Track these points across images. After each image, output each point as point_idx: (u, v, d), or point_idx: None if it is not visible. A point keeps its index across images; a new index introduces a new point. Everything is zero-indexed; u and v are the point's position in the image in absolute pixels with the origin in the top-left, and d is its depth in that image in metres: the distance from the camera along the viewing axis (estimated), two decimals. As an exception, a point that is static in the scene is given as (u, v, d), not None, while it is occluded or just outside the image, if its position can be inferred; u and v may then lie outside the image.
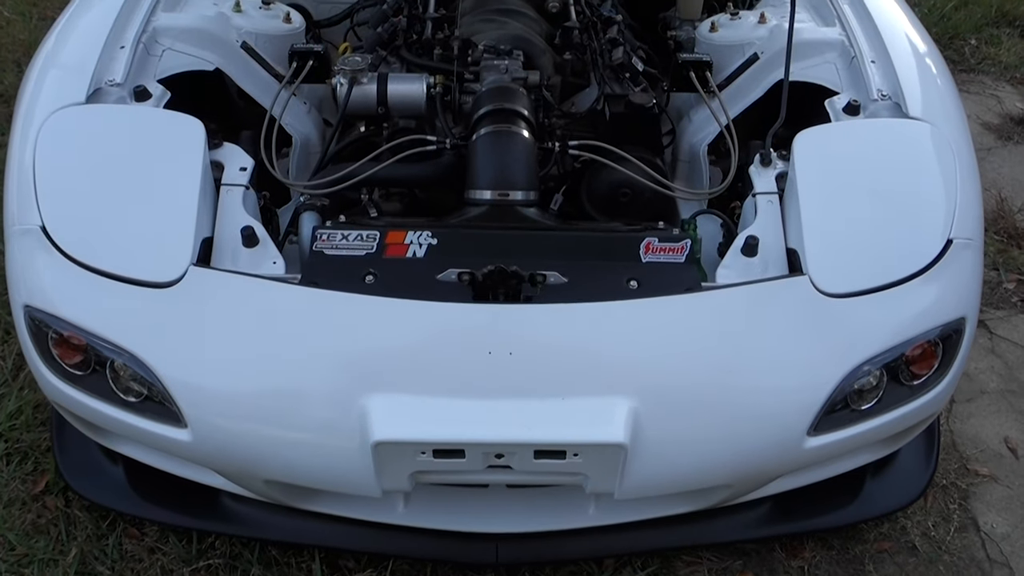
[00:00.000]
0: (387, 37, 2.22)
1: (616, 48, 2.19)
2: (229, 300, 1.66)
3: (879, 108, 1.98)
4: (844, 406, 1.69)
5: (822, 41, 2.16)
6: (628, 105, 2.03)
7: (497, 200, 1.80)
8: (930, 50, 2.17)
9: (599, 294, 1.68)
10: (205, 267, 1.68)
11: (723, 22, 2.32)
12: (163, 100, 1.96)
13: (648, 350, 1.63)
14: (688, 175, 2.31)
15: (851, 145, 1.89)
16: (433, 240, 1.75)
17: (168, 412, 1.64)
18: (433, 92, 2.04)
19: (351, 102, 2.04)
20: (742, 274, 1.76)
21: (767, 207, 1.84)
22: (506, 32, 2.17)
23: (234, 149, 1.90)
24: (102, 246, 1.68)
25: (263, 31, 2.22)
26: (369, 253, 1.74)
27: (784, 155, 1.92)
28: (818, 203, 1.78)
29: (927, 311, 1.71)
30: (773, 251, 1.78)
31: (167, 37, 2.09)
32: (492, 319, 1.63)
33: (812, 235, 1.74)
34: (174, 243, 1.68)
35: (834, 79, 2.11)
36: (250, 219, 1.78)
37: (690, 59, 2.20)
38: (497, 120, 1.88)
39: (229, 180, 1.83)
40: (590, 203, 2.07)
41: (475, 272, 1.68)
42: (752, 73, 2.20)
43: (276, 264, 1.74)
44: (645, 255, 1.76)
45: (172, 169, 1.77)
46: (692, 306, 1.67)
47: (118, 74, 1.94)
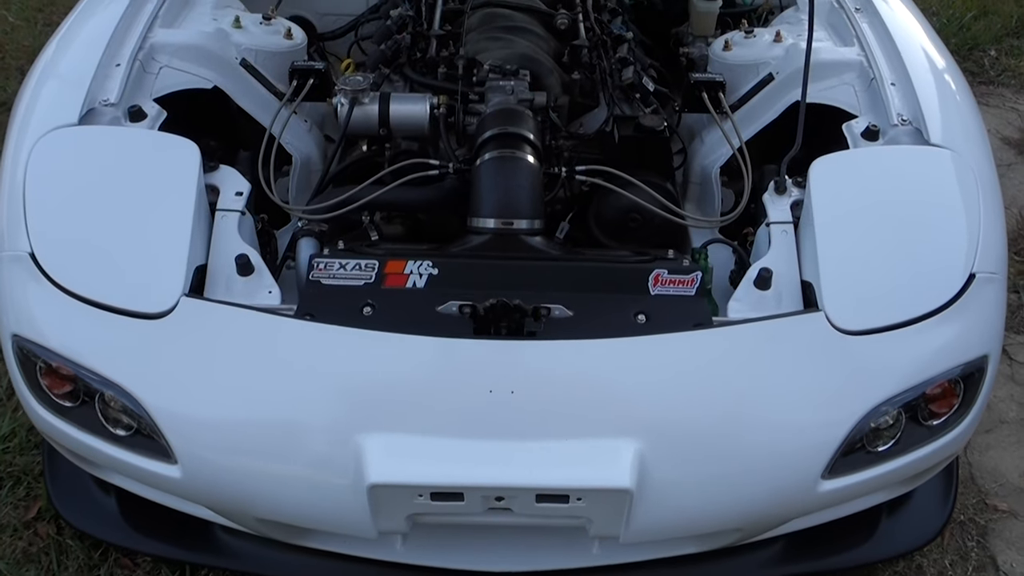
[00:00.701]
0: (390, 54, 2.16)
1: (626, 67, 2.12)
2: (221, 333, 1.60)
3: (899, 134, 1.90)
4: (860, 447, 1.62)
5: (840, 62, 2.09)
6: (638, 128, 1.97)
7: (501, 229, 1.74)
8: (951, 71, 2.09)
9: (605, 329, 1.62)
10: (197, 298, 1.63)
11: (737, 40, 2.24)
12: (159, 120, 1.91)
13: (655, 389, 1.56)
14: (700, 197, 2.24)
15: (870, 173, 1.81)
16: (434, 270, 1.69)
17: (158, 447, 1.59)
18: (436, 113, 1.98)
19: (352, 123, 1.98)
20: (754, 308, 1.69)
21: (781, 237, 1.77)
22: (513, 51, 2.10)
23: (230, 172, 1.84)
24: (92, 274, 1.63)
25: (263, 47, 2.17)
26: (367, 283, 1.69)
27: (800, 182, 1.86)
28: (835, 234, 1.71)
29: (948, 349, 1.64)
30: (787, 284, 1.72)
31: (164, 54, 2.04)
32: (493, 355, 1.57)
33: (828, 268, 1.67)
34: (166, 272, 1.63)
35: (852, 102, 2.03)
36: (245, 246, 1.72)
37: (702, 80, 2.13)
38: (502, 145, 1.82)
39: (224, 205, 1.78)
40: (598, 228, 2.01)
41: (476, 305, 1.62)
42: (767, 94, 2.12)
43: (271, 293, 1.69)
44: (654, 287, 1.70)
45: (165, 194, 1.72)
46: (702, 344, 1.60)
47: (113, 93, 1.89)
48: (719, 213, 2.16)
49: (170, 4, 2.19)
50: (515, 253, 1.74)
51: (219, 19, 2.21)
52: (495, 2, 2.33)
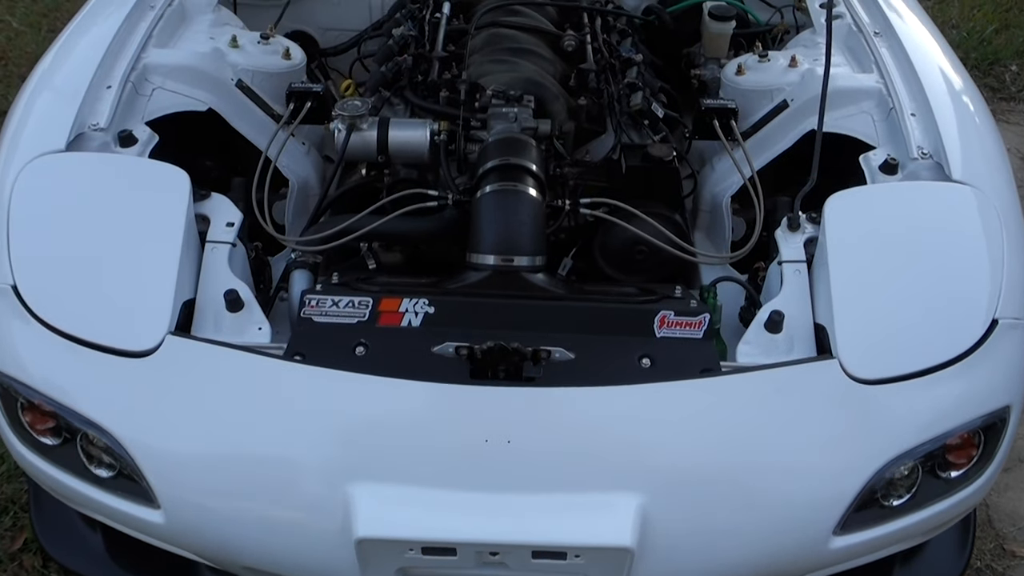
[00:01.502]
0: (391, 76, 2.09)
1: (635, 93, 2.05)
2: (207, 374, 1.54)
3: (919, 168, 1.82)
4: (874, 501, 1.55)
5: (858, 89, 2.01)
6: (646, 157, 1.89)
7: (500, 266, 1.67)
8: (974, 100, 2.01)
9: (608, 373, 1.55)
10: (183, 336, 1.57)
11: (751, 64, 2.16)
12: (150, 145, 1.85)
13: (660, 441, 1.49)
14: (709, 226, 2.16)
15: (888, 211, 1.74)
16: (430, 308, 1.62)
17: (140, 491, 1.53)
18: (437, 140, 1.91)
19: (349, 149, 1.91)
20: (765, 352, 1.62)
21: (794, 277, 1.70)
22: (517, 75, 2.03)
23: (222, 201, 1.78)
24: (76, 309, 1.58)
25: (260, 68, 2.10)
26: (361, 321, 1.62)
27: (814, 218, 1.78)
28: (850, 276, 1.64)
29: (969, 400, 1.56)
30: (799, 327, 1.64)
31: (158, 75, 1.98)
32: (490, 403, 1.50)
33: (843, 312, 1.59)
34: (152, 308, 1.57)
35: (870, 132, 1.95)
36: (235, 280, 1.66)
37: (714, 106, 2.05)
38: (503, 177, 1.74)
39: (215, 237, 1.71)
40: (604, 259, 1.94)
41: (474, 346, 1.55)
42: (781, 122, 2.04)
43: (262, 330, 1.63)
44: (659, 329, 1.63)
45: (153, 225, 1.66)
46: (708, 393, 1.53)
47: (102, 117, 1.83)
48: (729, 243, 2.08)
49: (166, 22, 2.13)
50: (515, 291, 1.67)
51: (216, 37, 2.14)
52: (501, 22, 2.25)
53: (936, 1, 4.54)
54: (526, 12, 2.33)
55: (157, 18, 2.11)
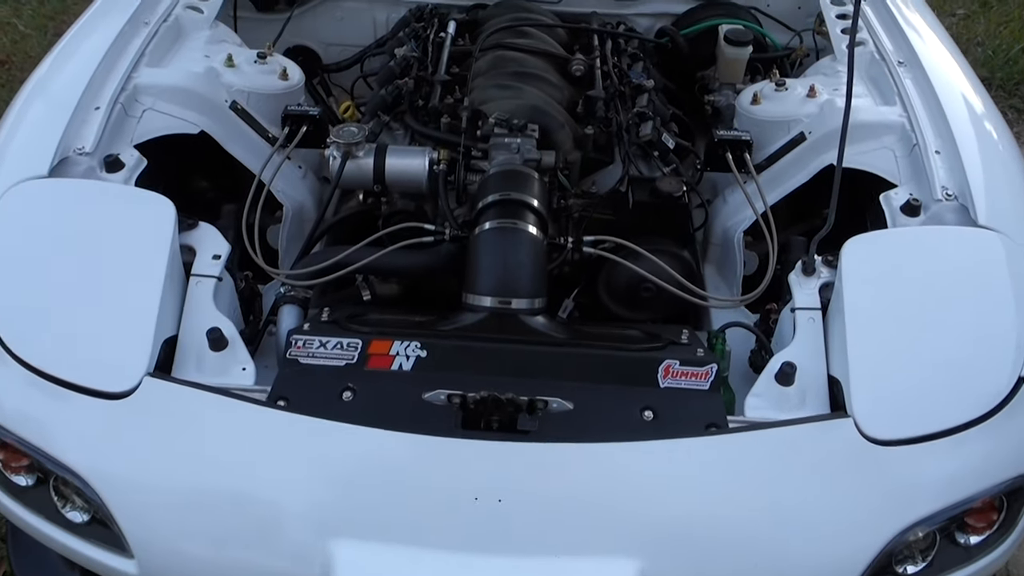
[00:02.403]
0: (391, 100, 2.01)
1: (645, 122, 1.95)
2: (185, 418, 1.47)
3: (943, 210, 1.72)
4: (887, 569, 1.45)
5: (880, 123, 1.91)
6: (654, 192, 1.80)
7: (497, 308, 1.59)
8: (1002, 138, 1.91)
9: (608, 426, 1.47)
10: (163, 377, 1.50)
11: (767, 93, 2.07)
12: (137, 170, 1.78)
13: (661, 503, 1.40)
14: (720, 260, 2.07)
15: (909, 258, 1.64)
16: (422, 352, 1.55)
17: (113, 538, 1.46)
18: (436, 170, 1.82)
19: (344, 177, 1.83)
20: (775, 405, 1.53)
21: (808, 326, 1.60)
22: (522, 102, 1.94)
23: (209, 232, 1.71)
24: (52, 346, 1.51)
25: (256, 89, 2.02)
26: (349, 364, 1.55)
27: (830, 261, 1.68)
28: (867, 327, 1.54)
29: (993, 464, 1.47)
30: (812, 379, 1.55)
31: (148, 96, 1.91)
32: (481, 458, 1.42)
33: (859, 366, 1.50)
34: (131, 347, 1.50)
35: (891, 169, 1.86)
36: (220, 317, 1.59)
37: (727, 137, 1.96)
38: (503, 213, 1.66)
39: (200, 270, 1.64)
40: (608, 297, 1.86)
41: (466, 395, 1.47)
42: (797, 155, 1.95)
43: (246, 371, 1.56)
44: (663, 379, 1.54)
45: (136, 258, 1.59)
46: (714, 451, 1.44)
47: (88, 141, 1.76)
48: (741, 279, 1.99)
49: (160, 38, 2.06)
50: (512, 335, 1.58)
51: (212, 56, 2.07)
52: (507, 44, 2.17)
53: (962, 18, 4.42)
54: (534, 34, 2.25)
55: (151, 34, 2.04)
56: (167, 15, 2.13)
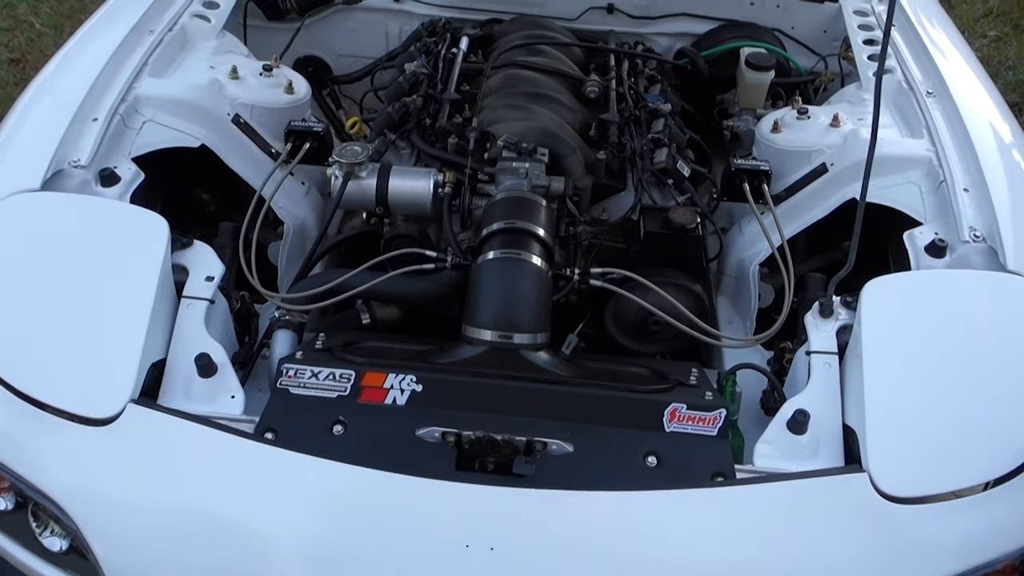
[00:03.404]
0: (398, 118, 1.95)
1: (660, 149, 1.88)
2: (169, 448, 1.41)
3: (970, 252, 1.64)
4: (900, 632, 1.37)
5: (906, 157, 1.83)
6: (667, 223, 1.73)
7: (498, 343, 1.52)
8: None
9: (608, 472, 1.40)
10: (147, 404, 1.44)
11: (788, 121, 1.98)
12: (133, 184, 1.73)
13: (661, 558, 1.33)
14: (734, 292, 2.00)
15: (932, 303, 1.55)
16: (417, 386, 1.48)
17: (90, 569, 1.41)
18: (441, 193, 1.76)
19: (346, 198, 1.78)
20: (786, 454, 1.45)
21: (823, 372, 1.52)
22: (532, 124, 1.87)
23: (203, 252, 1.65)
24: (35, 367, 1.46)
25: (260, 102, 1.97)
26: (341, 396, 1.49)
27: (849, 302, 1.61)
28: (886, 375, 1.46)
29: (1015, 527, 1.39)
30: (826, 428, 1.47)
31: (149, 107, 1.85)
32: (473, 503, 1.35)
33: (876, 417, 1.42)
34: (116, 372, 1.44)
35: (916, 205, 1.78)
36: (210, 342, 1.53)
37: (745, 167, 1.88)
38: (507, 243, 1.59)
39: (192, 292, 1.58)
40: (616, 329, 1.79)
41: (461, 434, 1.41)
42: (818, 187, 1.87)
43: (235, 399, 1.50)
44: (669, 423, 1.47)
45: (126, 278, 1.54)
46: (720, 503, 1.37)
47: (84, 153, 1.71)
48: (755, 312, 1.91)
49: (165, 48, 2.01)
50: (512, 371, 1.52)
51: (216, 67, 2.01)
52: (520, 62, 2.10)
53: (992, 40, 4.31)
54: (548, 52, 2.18)
55: (155, 43, 1.99)
56: (173, 24, 2.08)
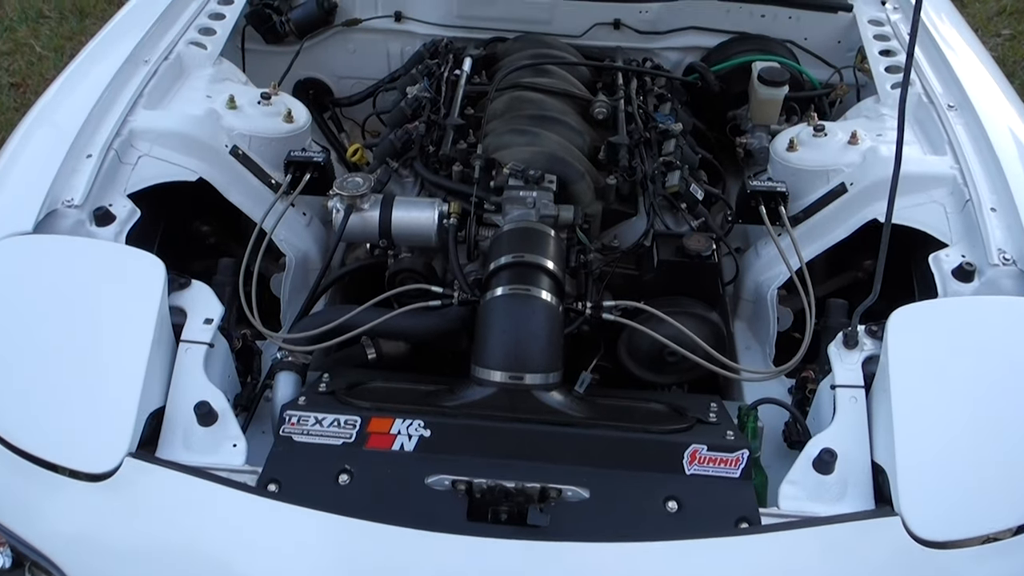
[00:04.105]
0: (400, 146, 1.89)
1: (672, 172, 1.82)
2: (168, 504, 1.36)
3: (999, 276, 1.57)
4: None
5: (928, 175, 1.76)
6: (681, 250, 1.67)
7: (508, 384, 1.46)
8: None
9: (627, 519, 1.34)
10: (145, 458, 1.38)
11: (804, 139, 1.91)
12: (129, 223, 1.68)
13: (685, 613, 1.27)
14: (752, 316, 1.93)
15: (963, 332, 1.49)
16: (425, 432, 1.42)
17: (89, 632, 1.35)
18: (446, 224, 1.70)
19: (348, 231, 1.72)
20: (812, 496, 1.39)
21: (849, 406, 1.46)
22: (539, 150, 1.81)
23: (202, 292, 1.59)
24: (30, 420, 1.41)
25: (258, 132, 1.91)
26: (347, 443, 1.43)
27: (874, 331, 1.54)
28: (916, 410, 1.40)
29: (1054, 571, 1.31)
30: (854, 467, 1.40)
31: (144, 141, 1.80)
32: (485, 559, 1.29)
33: (907, 456, 1.35)
34: (112, 424, 1.39)
35: (941, 226, 1.71)
36: (210, 388, 1.48)
37: (760, 189, 1.81)
38: (516, 278, 1.53)
39: (190, 336, 1.53)
40: (631, 360, 1.72)
41: (473, 482, 1.35)
42: (837, 208, 1.80)
43: (236, 447, 1.44)
44: (689, 466, 1.40)
45: (122, 324, 1.48)
46: (745, 553, 1.30)
47: (78, 192, 1.66)
48: (774, 337, 1.85)
49: (160, 78, 1.95)
50: (525, 414, 1.45)
51: (213, 96, 1.96)
52: (525, 84, 2.04)
53: (1007, 38, 4.23)
54: (554, 72, 2.12)
55: (150, 74, 1.94)
56: (169, 52, 2.03)
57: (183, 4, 2.23)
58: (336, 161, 2.32)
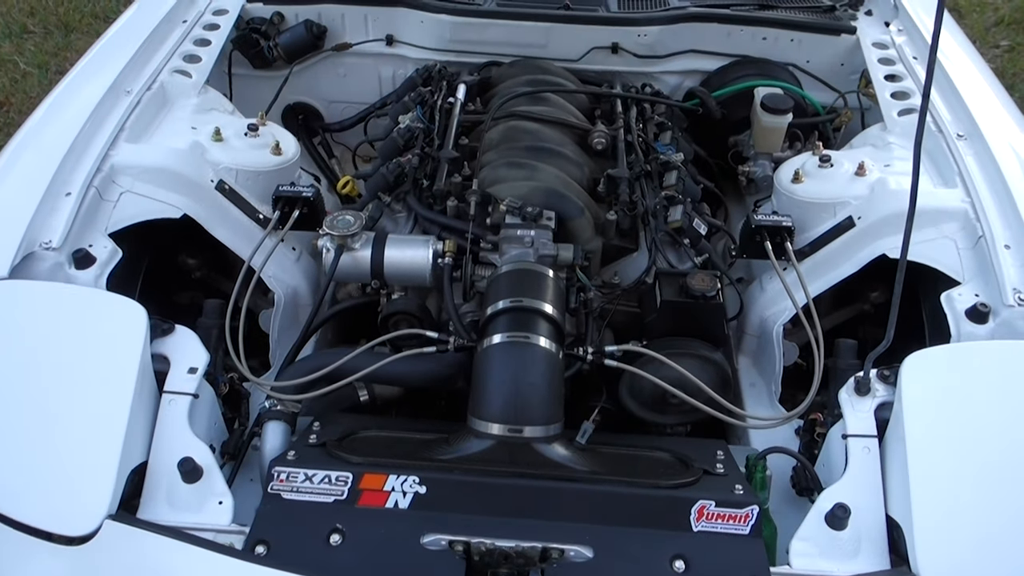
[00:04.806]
0: (392, 180, 1.83)
1: (674, 207, 1.75)
2: (149, 569, 1.30)
3: (1015, 318, 1.51)
4: None
5: (939, 210, 1.70)
6: (685, 290, 1.60)
7: (507, 437, 1.40)
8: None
9: None
10: (126, 519, 1.31)
11: (810, 170, 1.85)
12: (110, 264, 1.62)
13: None
14: (756, 352, 1.88)
15: (980, 379, 1.43)
16: (421, 488, 1.36)
17: None
18: (441, 263, 1.64)
19: (339, 271, 1.66)
20: (825, 553, 1.33)
21: (862, 457, 1.40)
22: (536, 184, 1.75)
23: (186, 338, 1.53)
24: (5, 480, 1.34)
25: (246, 166, 1.84)
26: (338, 500, 1.36)
27: (886, 376, 1.48)
28: (932, 463, 1.34)
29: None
30: (868, 521, 1.35)
31: (126, 177, 1.74)
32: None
33: (924, 511, 1.30)
34: (92, 483, 1.32)
35: (953, 263, 1.65)
36: (194, 442, 1.41)
37: (766, 224, 1.76)
38: (513, 325, 1.47)
39: (174, 386, 1.46)
40: (633, 401, 1.66)
41: (471, 541, 1.28)
42: (845, 243, 1.74)
43: (222, 505, 1.38)
44: (697, 523, 1.34)
45: (100, 376, 1.42)
46: (758, 620, 1.24)
47: (56, 233, 1.59)
48: (780, 374, 1.79)
49: (143, 109, 1.89)
50: (524, 468, 1.39)
51: (199, 127, 1.90)
52: (521, 113, 1.97)
53: (1006, 50, 4.19)
54: (551, 99, 2.05)
55: (132, 105, 1.87)
56: (152, 81, 1.96)
57: (167, 29, 2.17)
58: (326, 189, 2.25)
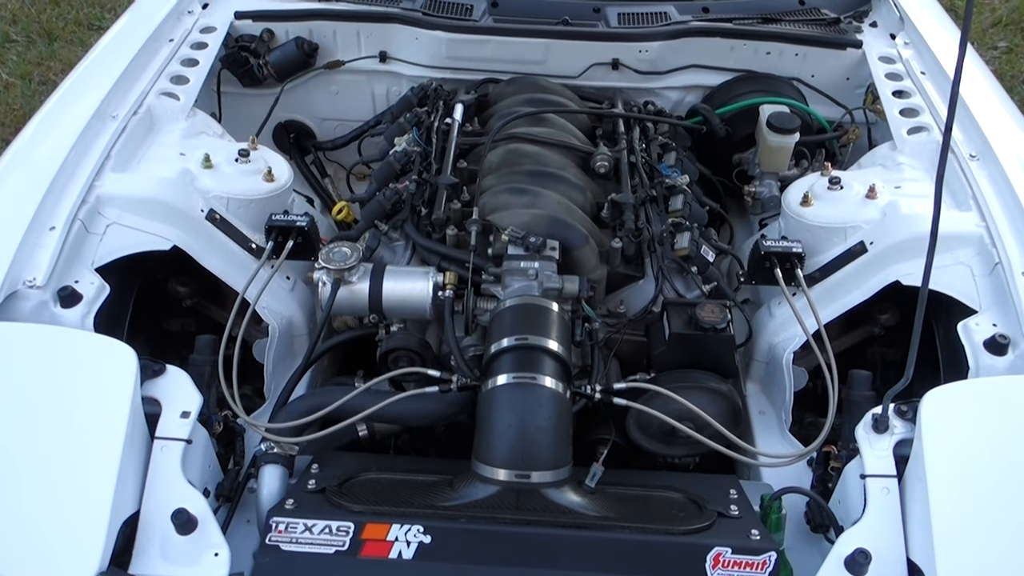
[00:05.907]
0: (389, 207, 1.77)
1: (681, 233, 1.70)
2: (144, 631, 1.23)
3: (1035, 349, 1.47)
4: None
5: (954, 235, 1.65)
6: (694, 322, 1.55)
7: (514, 483, 1.34)
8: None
9: None
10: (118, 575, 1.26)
11: (819, 193, 1.80)
12: (97, 301, 1.56)
13: None
14: (765, 378, 1.82)
15: (1003, 416, 1.38)
16: (425, 537, 1.31)
17: None
18: (442, 296, 1.58)
19: (337, 306, 1.60)
20: (845, 598, 1.28)
21: (881, 498, 1.35)
22: (539, 213, 1.69)
23: (177, 380, 1.47)
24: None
25: (237, 194, 1.78)
26: (340, 551, 1.31)
27: (904, 412, 1.43)
28: (955, 504, 1.29)
29: None
30: (888, 565, 1.30)
31: (113, 208, 1.67)
32: None
33: (947, 556, 1.25)
34: (81, 538, 1.26)
35: (969, 290, 1.60)
36: (188, 490, 1.36)
37: (775, 250, 1.70)
38: (518, 364, 1.41)
39: (166, 431, 1.40)
40: (641, 434, 1.62)
41: (479, 596, 1.23)
42: (856, 269, 1.69)
43: (218, 557, 1.32)
44: (712, 570, 1.30)
45: (89, 424, 1.36)
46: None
47: (40, 270, 1.53)
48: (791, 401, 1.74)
49: (129, 135, 1.82)
50: (532, 515, 1.34)
51: (188, 153, 1.83)
52: (520, 135, 1.91)
53: (1003, 51, 4.15)
54: (551, 119, 1.99)
55: (118, 131, 1.81)
56: (138, 105, 1.89)
57: (154, 48, 2.10)
58: (319, 211, 2.19)
